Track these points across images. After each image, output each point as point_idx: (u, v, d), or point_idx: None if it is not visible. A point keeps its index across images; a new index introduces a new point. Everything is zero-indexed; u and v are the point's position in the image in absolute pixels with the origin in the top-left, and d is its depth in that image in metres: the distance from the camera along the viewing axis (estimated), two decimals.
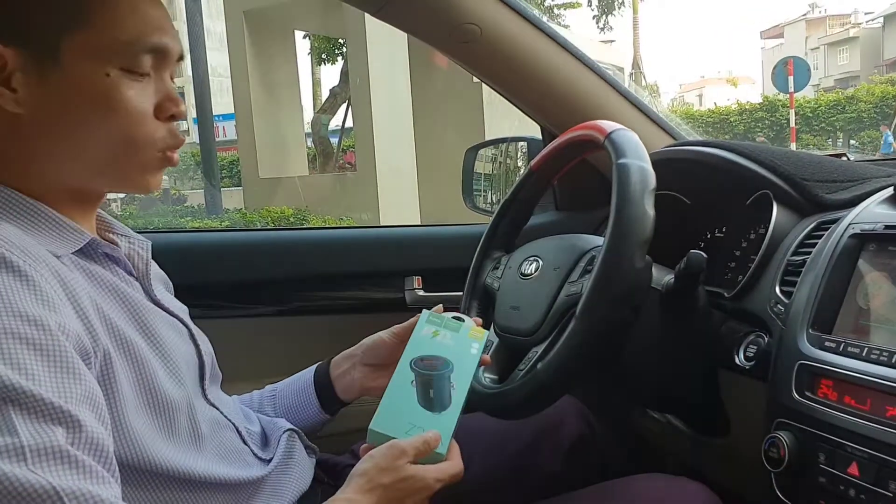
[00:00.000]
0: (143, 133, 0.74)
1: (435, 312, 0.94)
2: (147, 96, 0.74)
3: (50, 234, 0.72)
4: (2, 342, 0.59)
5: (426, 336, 0.91)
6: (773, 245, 0.95)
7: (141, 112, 0.74)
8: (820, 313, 0.81)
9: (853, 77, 32.95)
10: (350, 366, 1.02)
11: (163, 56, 0.75)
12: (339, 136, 12.97)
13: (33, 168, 0.73)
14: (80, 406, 0.60)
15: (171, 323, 0.83)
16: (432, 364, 0.87)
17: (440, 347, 0.89)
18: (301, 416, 1.03)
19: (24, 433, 0.56)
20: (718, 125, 20.00)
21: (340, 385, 1.03)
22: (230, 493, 0.81)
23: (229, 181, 13.72)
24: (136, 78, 0.73)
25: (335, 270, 1.49)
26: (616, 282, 0.83)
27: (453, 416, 0.83)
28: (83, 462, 0.58)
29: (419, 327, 0.92)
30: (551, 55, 1.29)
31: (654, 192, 0.86)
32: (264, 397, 1.06)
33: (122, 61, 0.72)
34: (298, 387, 1.05)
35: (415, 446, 0.78)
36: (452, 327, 0.92)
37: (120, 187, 0.80)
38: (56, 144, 0.72)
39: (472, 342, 0.91)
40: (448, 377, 0.86)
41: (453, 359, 0.88)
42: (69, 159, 0.73)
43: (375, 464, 0.77)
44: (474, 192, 1.66)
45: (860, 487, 0.70)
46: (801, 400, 0.77)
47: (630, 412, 1.23)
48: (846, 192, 0.96)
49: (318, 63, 13.97)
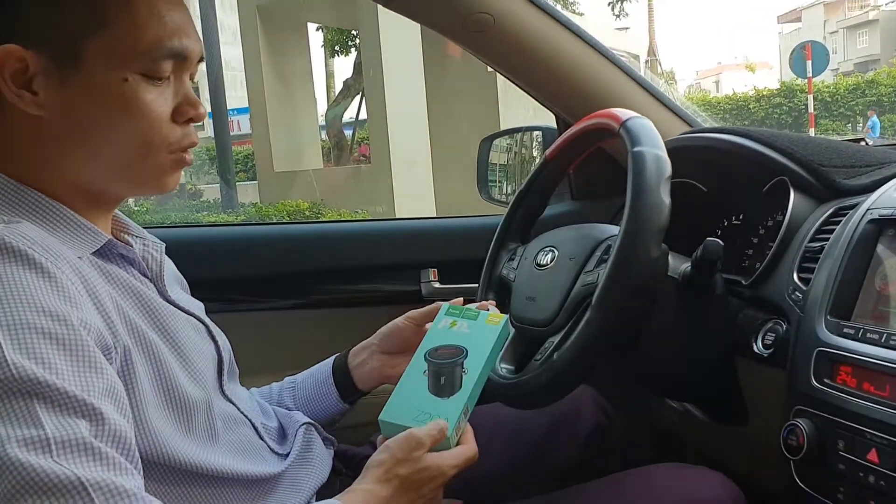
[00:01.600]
0: (159, 137, 0.75)
1: (455, 304, 0.94)
2: (165, 100, 0.75)
3: (68, 234, 0.73)
4: (25, 337, 0.60)
5: (444, 328, 0.91)
6: (791, 232, 0.94)
7: (158, 116, 0.74)
8: (838, 300, 0.80)
9: (873, 60, 32.47)
10: (368, 355, 1.03)
11: (183, 59, 0.75)
12: (353, 129, 12.98)
13: (52, 169, 0.74)
14: (102, 399, 0.61)
15: (188, 321, 0.83)
16: (446, 353, 0.87)
17: (456, 336, 0.89)
18: (320, 407, 1.04)
19: (49, 425, 0.57)
20: (736, 112, 19.79)
21: (359, 375, 1.03)
22: (248, 489, 0.82)
23: (245, 175, 13.77)
24: (155, 82, 0.74)
25: (351, 263, 1.49)
26: (632, 271, 0.82)
27: (461, 398, 0.83)
28: (107, 454, 0.58)
29: (438, 320, 0.92)
30: (565, 43, 1.28)
31: (669, 181, 0.85)
32: (283, 389, 1.07)
33: (141, 66, 0.72)
34: (317, 378, 1.06)
35: (430, 435, 0.78)
36: (471, 316, 0.92)
37: (137, 190, 0.81)
38: (74, 147, 0.73)
39: (490, 327, 0.90)
40: (461, 364, 0.86)
41: (468, 345, 0.88)
42: (87, 161, 0.74)
43: (392, 455, 0.77)
44: (489, 183, 1.65)
45: (880, 474, 0.69)
46: (820, 387, 0.77)
47: (648, 401, 1.23)
48: (864, 177, 0.95)
49: (332, 55, 13.97)
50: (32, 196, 0.73)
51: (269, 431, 0.92)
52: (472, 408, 0.85)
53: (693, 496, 0.88)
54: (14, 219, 0.69)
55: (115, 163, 0.75)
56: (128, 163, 0.75)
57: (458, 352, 0.87)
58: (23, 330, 0.60)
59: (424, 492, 0.78)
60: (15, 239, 0.64)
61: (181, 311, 0.83)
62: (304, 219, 7.84)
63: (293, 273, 1.48)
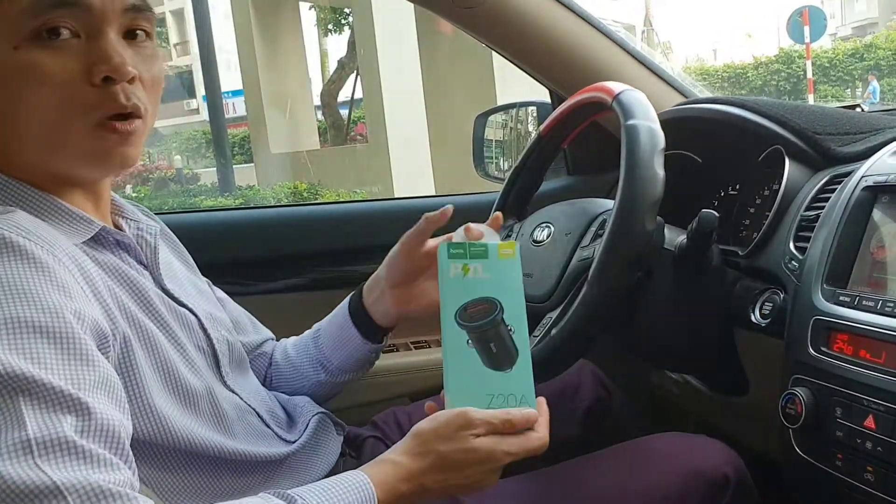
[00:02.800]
0: (70, 103, 0.68)
1: (453, 242, 0.80)
2: (71, 61, 0.67)
3: (60, 224, 0.72)
4: (15, 331, 0.59)
5: (457, 278, 0.77)
6: (787, 201, 0.94)
7: (64, 80, 0.67)
8: (834, 268, 0.80)
9: (871, 24, 32.13)
10: (379, 292, 0.99)
11: (79, 7, 0.67)
12: (349, 108, 12.91)
13: (7, 154, 0.71)
14: (93, 392, 0.60)
15: (179, 313, 0.82)
16: (478, 312, 0.76)
17: (479, 286, 0.77)
18: (347, 351, 1.01)
19: (32, 425, 0.56)
20: (734, 80, 19.63)
21: (377, 313, 1.00)
22: (254, 472, 0.82)
23: (241, 158, 13.72)
24: (53, 43, 0.66)
25: (349, 244, 1.49)
26: (627, 245, 0.82)
27: (525, 364, 0.74)
28: (90, 451, 0.57)
29: (444, 269, 0.78)
30: (557, 17, 1.27)
31: (663, 153, 0.85)
32: (309, 339, 1.05)
33: (27, 27, 0.66)
34: (338, 321, 1.02)
35: (489, 422, 0.71)
36: (479, 254, 0.78)
37: (82, 166, 0.73)
38: (3, 128, 0.70)
39: (508, 263, 0.79)
40: (502, 320, 0.76)
41: (498, 294, 0.77)
42: (16, 140, 0.70)
43: (434, 429, 0.71)
44: (486, 160, 1.65)
45: (876, 440, 0.70)
46: (817, 355, 0.77)
47: (647, 374, 1.24)
48: (859, 144, 0.95)
49: (325, 34, 13.83)
50: (19, 187, 0.71)
51: (277, 419, 0.92)
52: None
53: (694, 464, 0.88)
54: (9, 208, 0.69)
55: (39, 138, 0.70)
56: (49, 135, 0.69)
57: (491, 307, 0.76)
58: (12, 325, 0.59)
59: (468, 473, 0.72)
60: (7, 229, 0.63)
61: (174, 302, 0.82)
62: (302, 200, 7.83)
63: (292, 255, 1.48)
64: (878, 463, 0.70)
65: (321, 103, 11.75)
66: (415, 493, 0.71)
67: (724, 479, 0.88)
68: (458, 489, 0.73)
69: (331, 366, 1.02)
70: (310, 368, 1.03)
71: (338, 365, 1.02)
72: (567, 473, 0.93)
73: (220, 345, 0.87)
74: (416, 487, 0.71)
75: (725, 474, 0.88)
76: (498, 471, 0.74)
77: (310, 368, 1.03)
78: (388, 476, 0.70)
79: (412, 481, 0.70)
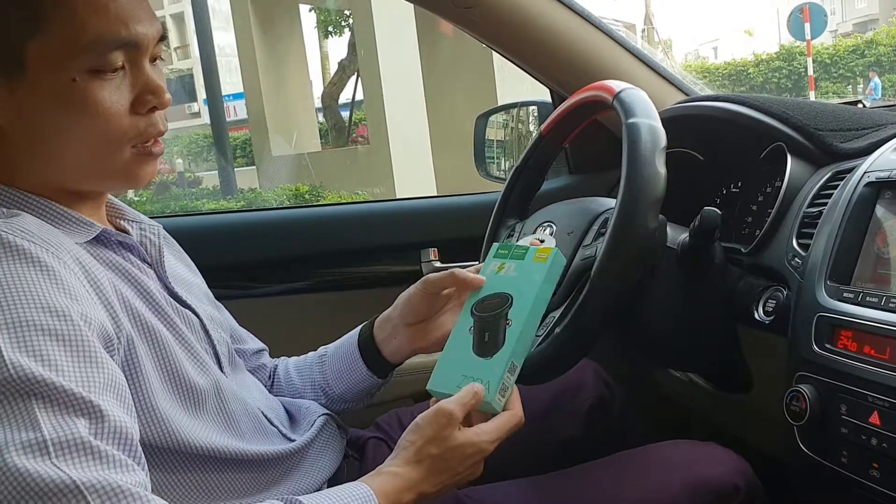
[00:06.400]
0: (119, 133, 0.72)
1: (504, 244, 0.87)
2: (122, 93, 0.72)
3: (63, 226, 0.73)
4: (26, 335, 0.59)
5: (491, 273, 0.84)
6: (789, 198, 0.94)
7: (115, 112, 0.71)
8: (837, 264, 0.80)
9: (872, 20, 32.07)
10: (391, 329, 0.98)
11: (134, 47, 0.71)
12: (350, 110, 12.91)
13: (22, 173, 0.73)
14: (103, 395, 0.61)
15: (182, 313, 0.82)
16: (491, 305, 0.80)
17: (503, 282, 0.83)
18: (350, 381, 1.00)
19: (47, 426, 0.57)
20: (735, 77, 19.62)
21: (388, 350, 0.98)
22: (259, 473, 0.82)
23: (243, 161, 13.73)
24: (107, 76, 0.70)
25: (351, 245, 1.49)
26: (629, 243, 0.82)
27: (504, 356, 0.77)
28: (106, 452, 0.58)
29: (486, 264, 0.85)
30: (556, 16, 1.27)
31: (664, 151, 0.85)
32: (314, 363, 1.05)
33: (87, 63, 0.69)
34: (345, 351, 1.02)
35: (462, 404, 0.75)
36: (518, 255, 0.83)
37: (109, 186, 0.79)
38: (36, 151, 0.72)
39: (536, 266, 0.82)
40: (505, 315, 0.79)
41: (514, 292, 0.81)
42: (50, 164, 0.73)
43: (423, 434, 0.74)
44: (487, 160, 1.65)
45: (882, 436, 0.70)
46: (821, 352, 0.77)
47: (650, 373, 1.23)
48: (861, 140, 0.95)
49: (325, 36, 13.84)
50: (16, 194, 0.72)
51: (281, 418, 0.92)
52: (521, 364, 0.79)
53: (702, 473, 0.87)
54: (14, 211, 0.69)
55: (78, 163, 0.73)
56: (92, 162, 0.73)
57: (502, 301, 0.80)
58: (23, 328, 0.60)
59: (460, 470, 0.75)
60: (12, 233, 0.64)
61: (177, 303, 0.83)
62: (304, 202, 7.83)
63: (294, 257, 1.48)
64: (884, 459, 0.70)
65: (322, 105, 11.76)
66: (415, 500, 0.74)
67: (734, 488, 0.87)
68: (451, 486, 0.77)
69: (332, 393, 1.02)
70: (311, 392, 1.03)
71: (339, 394, 1.01)
72: (572, 480, 0.92)
73: (221, 346, 0.88)
74: (416, 496, 0.74)
75: (734, 483, 0.87)
76: (482, 461, 0.77)
77: (311, 392, 1.03)
78: (390, 487, 0.72)
79: (413, 490, 0.73)
